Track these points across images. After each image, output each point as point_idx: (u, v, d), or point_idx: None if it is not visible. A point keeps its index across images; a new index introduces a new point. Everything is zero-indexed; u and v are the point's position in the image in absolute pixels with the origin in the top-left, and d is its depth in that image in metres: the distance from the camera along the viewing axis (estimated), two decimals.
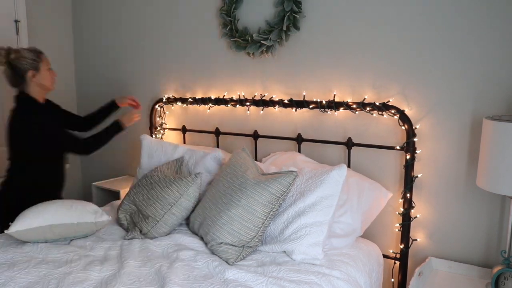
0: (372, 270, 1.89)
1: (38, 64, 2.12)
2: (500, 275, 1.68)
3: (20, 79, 2.12)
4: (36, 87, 2.16)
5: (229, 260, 1.73)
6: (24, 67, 2.10)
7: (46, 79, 2.17)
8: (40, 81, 2.15)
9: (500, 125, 1.58)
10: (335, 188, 1.84)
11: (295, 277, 1.61)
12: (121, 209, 2.14)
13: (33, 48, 2.18)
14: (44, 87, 2.19)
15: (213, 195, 1.93)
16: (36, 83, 2.14)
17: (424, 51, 1.97)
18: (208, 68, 2.66)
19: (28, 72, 2.10)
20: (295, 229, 1.81)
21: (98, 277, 1.60)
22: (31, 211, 1.87)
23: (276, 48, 2.35)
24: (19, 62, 2.09)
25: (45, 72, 2.16)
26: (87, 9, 3.23)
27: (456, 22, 1.88)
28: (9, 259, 1.73)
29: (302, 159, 2.21)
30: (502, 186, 1.60)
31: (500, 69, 1.82)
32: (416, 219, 2.06)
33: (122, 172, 3.22)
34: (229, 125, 2.61)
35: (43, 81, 2.16)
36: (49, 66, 2.20)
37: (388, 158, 2.11)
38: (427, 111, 2.00)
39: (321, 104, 2.19)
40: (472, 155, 1.91)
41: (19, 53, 2.11)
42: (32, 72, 2.11)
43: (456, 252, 2.00)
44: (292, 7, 2.22)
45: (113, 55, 3.13)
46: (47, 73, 2.17)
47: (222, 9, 2.48)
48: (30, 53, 2.13)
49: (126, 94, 3.09)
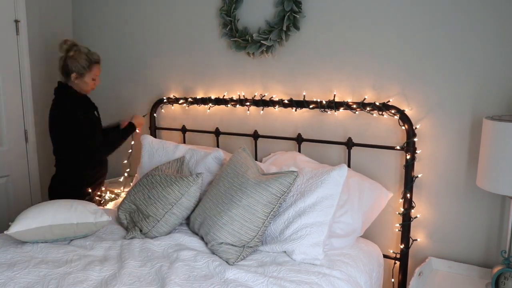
0: (372, 270, 1.89)
1: (85, 72, 2.35)
2: (500, 275, 1.68)
3: (66, 75, 2.36)
4: (75, 85, 2.39)
5: (230, 260, 1.73)
6: (71, 68, 2.32)
7: (85, 85, 2.40)
8: (80, 85, 2.38)
9: (500, 125, 1.58)
10: (335, 188, 1.84)
11: (295, 277, 1.61)
12: (121, 208, 2.14)
13: (92, 55, 2.38)
14: (81, 89, 2.41)
15: (214, 195, 1.93)
16: (76, 85, 2.38)
17: (424, 51, 1.97)
18: (208, 68, 2.66)
19: (73, 73, 2.33)
20: (296, 229, 1.81)
21: (98, 277, 1.60)
22: (31, 211, 1.87)
23: (276, 48, 2.35)
24: (71, 62, 2.32)
25: (88, 80, 2.39)
26: (87, 9, 3.23)
27: (456, 22, 1.88)
28: (9, 259, 1.73)
29: (303, 159, 2.21)
30: (502, 186, 1.60)
31: (500, 69, 1.82)
32: (416, 219, 2.06)
33: (123, 171, 3.22)
34: (229, 125, 2.61)
35: (82, 86, 2.39)
36: (95, 76, 2.41)
37: (388, 158, 2.11)
38: (427, 111, 2.00)
39: (321, 104, 2.19)
40: (472, 155, 1.91)
41: (76, 54, 2.32)
42: (76, 75, 2.34)
43: (456, 252, 2.00)
44: (292, 7, 2.22)
45: (113, 55, 3.13)
46: (90, 81, 2.40)
47: (222, 9, 2.48)
48: (85, 60, 2.34)
49: (126, 94, 3.09)
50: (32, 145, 2.97)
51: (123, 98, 3.11)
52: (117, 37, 3.09)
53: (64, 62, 2.34)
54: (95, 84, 2.44)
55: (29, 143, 2.95)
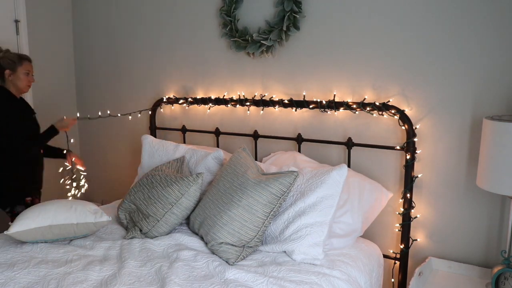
0: (372, 270, 1.89)
1: (16, 66, 2.37)
2: (500, 275, 1.68)
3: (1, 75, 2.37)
4: (11, 85, 2.39)
5: (230, 260, 1.73)
6: (4, 66, 2.35)
7: (20, 81, 2.39)
8: (15, 81, 2.38)
9: (500, 125, 1.58)
10: (335, 188, 1.84)
11: (295, 277, 1.61)
12: (121, 208, 2.14)
13: (23, 54, 2.43)
14: (18, 88, 2.40)
15: (214, 195, 1.93)
16: (11, 82, 2.38)
17: (424, 51, 1.97)
18: (208, 68, 2.66)
19: (6, 70, 2.35)
20: (296, 229, 1.81)
21: (98, 277, 1.60)
22: (31, 212, 1.87)
23: (276, 48, 2.35)
24: (2, 61, 2.36)
25: (21, 75, 2.39)
26: (87, 9, 3.23)
27: (456, 22, 1.88)
28: (9, 259, 1.73)
29: (303, 159, 2.21)
30: (502, 186, 1.60)
31: (500, 69, 1.82)
32: (416, 219, 2.06)
33: (123, 171, 3.22)
34: (229, 125, 2.61)
35: (17, 82, 2.38)
36: (28, 72, 2.41)
37: (388, 158, 2.11)
38: (427, 111, 2.00)
39: (321, 104, 2.19)
40: (472, 155, 1.91)
41: (6, 54, 2.37)
42: (9, 72, 2.36)
43: (456, 252, 2.00)
44: (292, 7, 2.22)
45: (113, 55, 3.13)
46: (23, 76, 2.39)
47: (222, 9, 2.48)
48: (14, 56, 2.38)
49: (125, 94, 3.09)
50: None
51: (123, 99, 3.11)
52: (117, 37, 3.09)
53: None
54: (29, 81, 2.42)
55: None
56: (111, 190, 3.30)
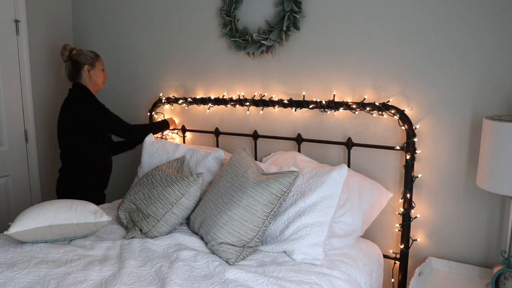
0: (372, 270, 1.89)
1: (94, 61, 2.45)
2: (500, 275, 1.68)
3: (77, 72, 2.43)
4: (89, 81, 2.45)
5: (230, 260, 1.73)
6: (82, 61, 2.42)
7: (98, 76, 2.48)
8: (94, 77, 2.45)
9: (500, 125, 1.58)
10: (335, 188, 1.84)
11: (295, 277, 1.61)
12: (121, 208, 2.14)
13: (92, 51, 2.52)
14: (95, 84, 2.48)
15: (214, 195, 1.93)
16: (90, 78, 2.44)
17: (424, 51, 1.97)
18: (208, 68, 2.66)
19: (85, 66, 2.42)
20: (296, 229, 1.81)
21: (98, 277, 1.60)
22: (30, 211, 1.87)
23: (276, 48, 2.35)
24: (79, 57, 2.42)
25: (99, 71, 2.48)
26: (87, 10, 3.23)
27: (456, 22, 1.88)
28: (9, 259, 1.72)
29: (303, 159, 2.22)
30: (502, 186, 1.60)
31: (500, 69, 1.82)
32: (416, 219, 2.06)
33: (123, 171, 3.22)
34: (229, 125, 2.61)
35: (96, 78, 2.46)
36: (103, 67, 2.51)
37: (388, 158, 2.11)
38: (427, 111, 2.00)
39: (321, 104, 2.19)
40: (472, 155, 1.91)
41: (80, 50, 2.45)
42: (88, 67, 2.43)
43: (456, 252, 2.00)
44: (292, 7, 2.22)
45: (113, 55, 3.13)
46: (100, 72, 2.49)
47: (222, 9, 2.48)
48: (90, 52, 2.47)
49: (125, 94, 3.09)
50: (32, 145, 2.97)
51: (123, 98, 3.11)
52: (117, 37, 3.09)
53: (72, 61, 2.43)
54: (105, 76, 2.52)
55: (29, 143, 2.95)
56: (111, 190, 3.29)
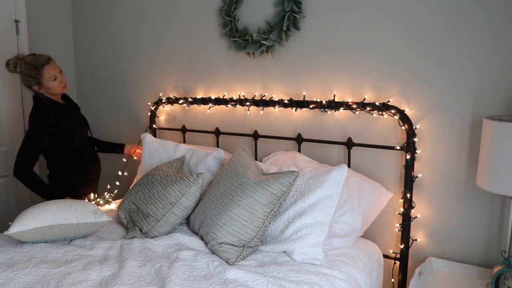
0: (372, 270, 1.89)
1: (39, 80, 2.24)
2: (500, 275, 1.68)
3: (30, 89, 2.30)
4: (46, 93, 2.30)
5: (230, 260, 1.73)
6: (29, 84, 2.26)
7: (52, 88, 2.28)
8: (48, 91, 2.29)
9: (500, 125, 1.58)
10: (335, 188, 1.84)
11: (295, 277, 1.61)
12: (121, 208, 2.14)
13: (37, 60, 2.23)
14: (53, 94, 2.32)
15: (214, 195, 1.93)
16: (44, 92, 2.29)
17: (424, 51, 1.97)
18: (208, 68, 2.66)
19: (33, 87, 2.27)
20: (296, 229, 1.81)
21: (98, 277, 1.60)
22: (30, 211, 1.87)
23: (276, 48, 2.35)
24: (24, 78, 2.25)
25: (49, 84, 2.26)
26: (87, 9, 3.23)
27: (456, 22, 1.88)
28: (9, 259, 1.73)
29: (303, 159, 2.21)
30: (502, 186, 1.60)
31: (500, 69, 1.82)
32: (416, 219, 2.06)
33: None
34: (229, 125, 2.61)
35: (50, 90, 2.29)
36: (54, 74, 2.26)
37: (388, 158, 2.11)
38: (427, 111, 2.00)
39: (321, 104, 2.19)
40: (472, 155, 1.91)
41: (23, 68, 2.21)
42: (36, 87, 2.27)
43: (456, 252, 2.00)
44: (292, 7, 2.22)
45: (113, 55, 3.13)
46: (51, 83, 2.27)
47: (222, 9, 2.48)
48: (32, 69, 2.21)
49: (125, 94, 3.09)
50: None
51: (123, 98, 3.11)
52: (117, 37, 3.09)
53: (21, 80, 2.29)
54: (61, 82, 2.30)
55: None
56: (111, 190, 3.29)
